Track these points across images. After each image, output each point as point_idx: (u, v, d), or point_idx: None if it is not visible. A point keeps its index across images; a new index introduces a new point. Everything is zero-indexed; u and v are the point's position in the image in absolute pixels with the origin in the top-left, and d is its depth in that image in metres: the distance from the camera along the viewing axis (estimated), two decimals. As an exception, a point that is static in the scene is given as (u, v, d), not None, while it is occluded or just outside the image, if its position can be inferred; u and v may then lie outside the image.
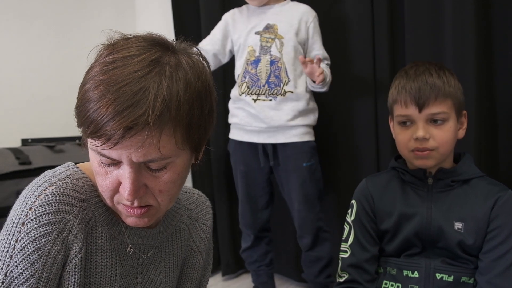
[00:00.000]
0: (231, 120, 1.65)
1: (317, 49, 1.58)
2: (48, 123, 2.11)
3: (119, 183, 0.63)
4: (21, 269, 0.61)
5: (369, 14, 1.61)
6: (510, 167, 1.38)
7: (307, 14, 1.56)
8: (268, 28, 1.56)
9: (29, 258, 0.61)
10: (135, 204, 0.64)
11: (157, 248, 0.77)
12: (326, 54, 1.60)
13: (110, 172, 0.63)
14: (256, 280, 1.75)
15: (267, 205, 1.68)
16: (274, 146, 1.57)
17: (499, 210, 1.01)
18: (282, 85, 1.53)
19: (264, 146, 1.58)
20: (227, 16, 1.66)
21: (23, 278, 0.61)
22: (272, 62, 1.54)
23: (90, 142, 0.62)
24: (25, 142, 2.00)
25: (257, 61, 1.56)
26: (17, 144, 1.98)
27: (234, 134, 1.64)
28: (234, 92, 1.62)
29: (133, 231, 0.73)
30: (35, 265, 0.62)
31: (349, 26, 1.67)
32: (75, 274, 0.65)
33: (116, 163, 0.62)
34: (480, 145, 1.39)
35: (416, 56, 1.46)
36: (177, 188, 0.67)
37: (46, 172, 0.68)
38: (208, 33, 1.92)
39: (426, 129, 1.02)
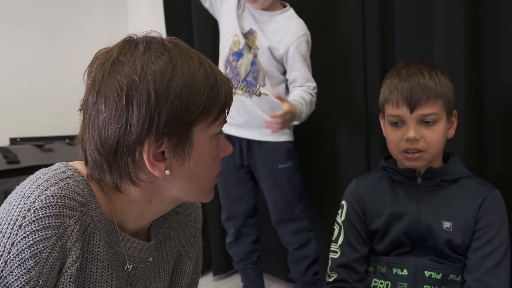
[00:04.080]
0: None
1: (297, 70, 1.48)
2: (37, 122, 2.09)
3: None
4: (16, 275, 0.57)
5: (359, 13, 1.61)
6: (498, 166, 1.39)
7: (291, 32, 1.48)
8: (250, 34, 1.53)
9: (25, 264, 0.57)
10: None
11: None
12: (308, 76, 1.50)
13: None
14: (244, 279, 1.75)
15: (250, 203, 1.66)
16: (250, 142, 1.56)
17: (486, 209, 1.02)
18: (258, 86, 1.52)
19: (241, 142, 1.57)
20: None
21: (18, 285, 0.57)
22: (253, 63, 1.52)
23: (214, 127, 0.66)
24: (13, 141, 1.97)
25: (239, 54, 1.53)
26: (5, 143, 1.96)
27: (225, 127, 1.65)
28: None
29: (129, 242, 0.69)
30: (31, 272, 0.57)
31: (340, 25, 1.67)
32: (69, 285, 0.60)
33: None
34: (469, 144, 1.40)
35: (406, 56, 1.47)
36: None
37: (43, 171, 0.63)
38: (199, 32, 1.91)
39: (417, 130, 1.02)
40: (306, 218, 1.61)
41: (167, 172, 0.64)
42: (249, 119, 1.53)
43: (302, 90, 1.49)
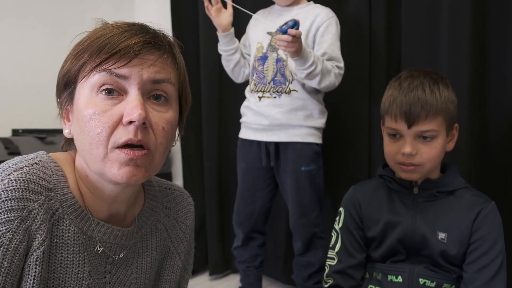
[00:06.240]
0: (241, 120, 1.66)
1: (324, 48, 1.48)
2: (40, 115, 2.10)
3: (121, 117, 0.61)
4: None
5: (366, 19, 1.61)
6: (499, 178, 1.39)
7: (321, 16, 1.51)
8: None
9: None
10: (139, 136, 0.60)
11: (130, 248, 0.73)
12: (335, 55, 1.49)
13: (110, 107, 0.61)
14: (243, 280, 1.75)
15: (263, 207, 1.65)
16: (277, 145, 1.55)
17: (482, 221, 1.02)
18: (287, 83, 1.51)
19: (267, 145, 1.57)
20: (252, 20, 1.66)
21: None
22: (278, 60, 1.53)
23: (96, 71, 0.62)
24: (15, 132, 1.98)
25: (264, 58, 1.55)
26: (7, 134, 1.97)
27: (241, 133, 1.65)
28: (247, 89, 1.64)
29: (103, 228, 0.68)
30: None
31: (347, 30, 1.67)
32: (35, 268, 0.60)
33: (117, 96, 0.62)
34: (470, 156, 1.39)
35: (411, 65, 1.46)
36: (169, 141, 0.67)
37: (15, 158, 0.65)
38: (205, 28, 1.91)
39: (414, 145, 1.02)
40: (318, 225, 1.59)
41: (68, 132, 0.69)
42: (275, 121, 1.52)
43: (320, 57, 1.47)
